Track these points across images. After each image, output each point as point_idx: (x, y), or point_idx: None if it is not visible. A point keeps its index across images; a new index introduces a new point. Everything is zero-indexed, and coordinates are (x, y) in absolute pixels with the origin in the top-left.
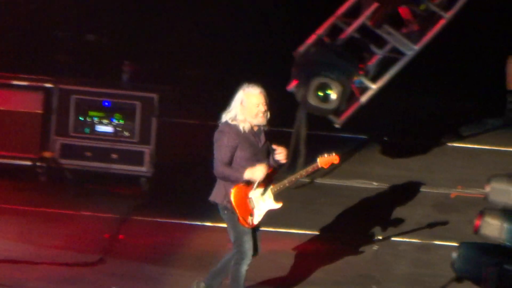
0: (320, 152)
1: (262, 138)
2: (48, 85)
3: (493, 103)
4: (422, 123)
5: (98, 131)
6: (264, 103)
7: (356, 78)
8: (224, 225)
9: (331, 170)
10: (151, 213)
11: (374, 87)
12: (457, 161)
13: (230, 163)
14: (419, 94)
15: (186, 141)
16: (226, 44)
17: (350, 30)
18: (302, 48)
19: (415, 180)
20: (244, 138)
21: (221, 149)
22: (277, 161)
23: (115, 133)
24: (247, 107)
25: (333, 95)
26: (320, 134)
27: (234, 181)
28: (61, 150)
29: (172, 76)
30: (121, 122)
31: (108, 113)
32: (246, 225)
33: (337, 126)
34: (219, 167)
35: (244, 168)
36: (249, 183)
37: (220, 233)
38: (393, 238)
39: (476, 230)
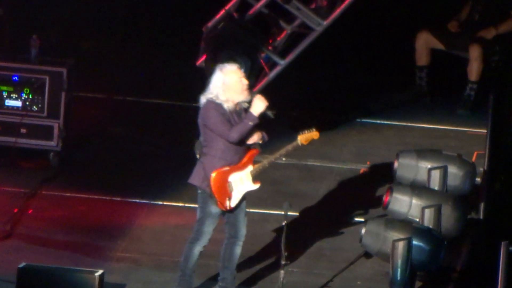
0: None
1: (244, 116)
2: None
3: (401, 79)
4: (330, 97)
5: (7, 106)
6: (244, 77)
7: (264, 54)
8: (132, 200)
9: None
10: (60, 187)
11: (282, 62)
12: (365, 136)
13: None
14: (327, 69)
15: (92, 115)
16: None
17: (259, 5)
18: (210, 23)
19: (322, 155)
20: (229, 117)
21: (217, 121)
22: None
23: (24, 107)
24: (230, 85)
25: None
26: None
27: (250, 127)
28: None
29: (72, 49)
30: (30, 96)
31: (17, 88)
32: (223, 209)
33: None
34: (230, 135)
35: (230, 148)
36: (230, 166)
37: (129, 207)
38: (296, 213)
39: (385, 206)
